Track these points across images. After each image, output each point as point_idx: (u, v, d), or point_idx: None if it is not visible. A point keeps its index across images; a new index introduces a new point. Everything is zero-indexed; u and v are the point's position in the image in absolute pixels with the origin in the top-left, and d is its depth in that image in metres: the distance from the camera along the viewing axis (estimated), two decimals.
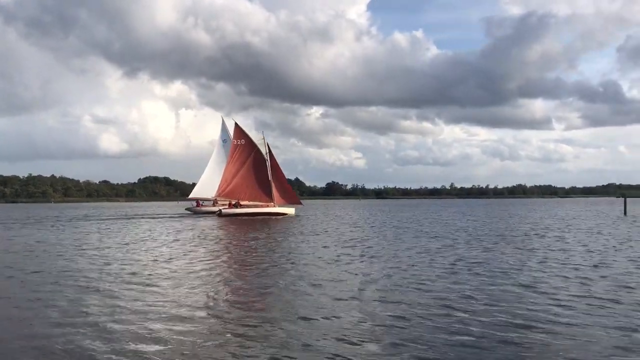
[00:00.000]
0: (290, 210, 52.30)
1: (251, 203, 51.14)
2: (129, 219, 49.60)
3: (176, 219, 47.76)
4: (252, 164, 50.92)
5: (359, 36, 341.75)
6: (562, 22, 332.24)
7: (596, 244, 21.27)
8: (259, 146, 51.07)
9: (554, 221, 41.36)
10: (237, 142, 51.04)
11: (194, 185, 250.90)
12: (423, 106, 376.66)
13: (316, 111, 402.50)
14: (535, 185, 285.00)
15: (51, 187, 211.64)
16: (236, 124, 51.51)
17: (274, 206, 51.01)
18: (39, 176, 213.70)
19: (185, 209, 61.33)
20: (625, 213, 50.34)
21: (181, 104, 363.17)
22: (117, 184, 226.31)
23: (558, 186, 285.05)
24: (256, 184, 50.92)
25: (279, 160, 53.09)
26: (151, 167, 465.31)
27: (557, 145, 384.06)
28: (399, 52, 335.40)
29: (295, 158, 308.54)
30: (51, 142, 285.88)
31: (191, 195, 60.33)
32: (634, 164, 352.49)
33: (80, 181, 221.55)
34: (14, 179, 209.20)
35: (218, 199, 58.05)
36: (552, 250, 19.31)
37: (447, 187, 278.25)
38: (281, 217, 49.10)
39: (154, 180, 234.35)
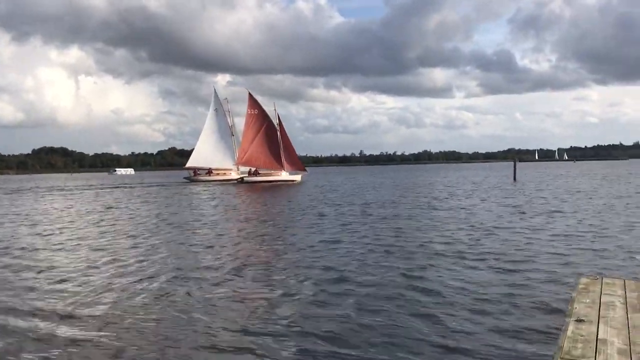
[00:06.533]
0: (297, 177, 55.67)
1: (264, 171, 53.65)
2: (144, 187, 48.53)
3: (202, 187, 47.92)
4: (265, 132, 52.84)
5: (262, 2, 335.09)
6: None
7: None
8: (271, 117, 53.06)
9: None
10: (251, 111, 52.46)
11: (95, 155, 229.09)
12: (329, 74, 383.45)
13: (222, 79, 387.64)
14: (440, 152, 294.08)
15: None
16: (250, 94, 52.53)
17: (285, 173, 54.03)
18: None
19: (184, 178, 61.05)
20: (515, 179, 46.85)
21: (80, 70, 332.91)
22: (8, 155, 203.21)
23: (462, 152, 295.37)
24: (269, 151, 53.12)
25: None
26: (49, 137, 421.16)
27: (459, 113, 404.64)
28: (302, 19, 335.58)
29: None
30: None
31: (188, 165, 59.93)
32: (530, 130, 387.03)
33: None
34: None
35: (213, 168, 59.81)
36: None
37: (357, 154, 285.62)
38: (291, 183, 52.21)
39: (50, 151, 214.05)
